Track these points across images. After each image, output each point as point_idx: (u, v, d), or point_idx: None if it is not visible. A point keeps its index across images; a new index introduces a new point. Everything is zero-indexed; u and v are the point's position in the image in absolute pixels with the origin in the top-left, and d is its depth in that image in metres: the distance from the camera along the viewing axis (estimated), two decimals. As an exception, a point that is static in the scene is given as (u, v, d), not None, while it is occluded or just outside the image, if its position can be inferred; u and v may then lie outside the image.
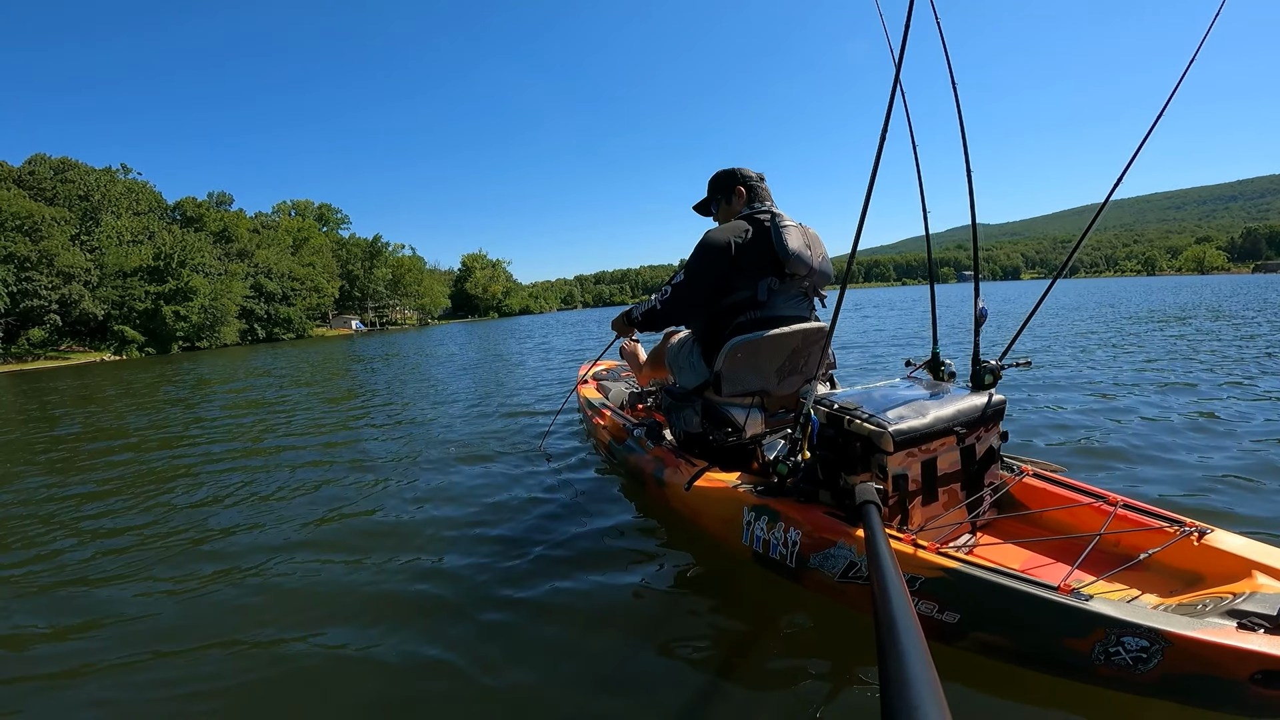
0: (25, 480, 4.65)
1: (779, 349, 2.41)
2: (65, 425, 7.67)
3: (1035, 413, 4.45)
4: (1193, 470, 3.05)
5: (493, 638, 1.98)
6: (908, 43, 1.68)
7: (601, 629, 2.00)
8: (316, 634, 2.06)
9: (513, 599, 2.21)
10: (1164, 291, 28.52)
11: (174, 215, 56.05)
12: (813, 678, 1.70)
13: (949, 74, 1.98)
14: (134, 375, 18.05)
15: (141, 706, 1.77)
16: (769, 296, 2.36)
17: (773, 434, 2.47)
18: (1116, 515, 1.80)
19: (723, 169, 2.61)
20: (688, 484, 2.34)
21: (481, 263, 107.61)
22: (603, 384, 4.54)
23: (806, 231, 2.42)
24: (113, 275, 41.77)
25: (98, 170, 47.71)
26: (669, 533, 2.64)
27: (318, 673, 1.86)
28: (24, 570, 2.80)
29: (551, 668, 1.81)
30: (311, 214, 76.52)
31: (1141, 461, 3.24)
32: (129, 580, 2.60)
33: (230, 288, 48.92)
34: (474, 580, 2.38)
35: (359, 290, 73.27)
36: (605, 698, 1.68)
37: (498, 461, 4.08)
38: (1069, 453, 3.44)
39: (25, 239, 36.06)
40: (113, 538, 3.14)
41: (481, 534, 2.84)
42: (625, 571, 2.37)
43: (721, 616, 2.04)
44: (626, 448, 3.08)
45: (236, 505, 3.57)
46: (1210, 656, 1.20)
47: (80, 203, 43.48)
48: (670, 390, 2.71)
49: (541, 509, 3.09)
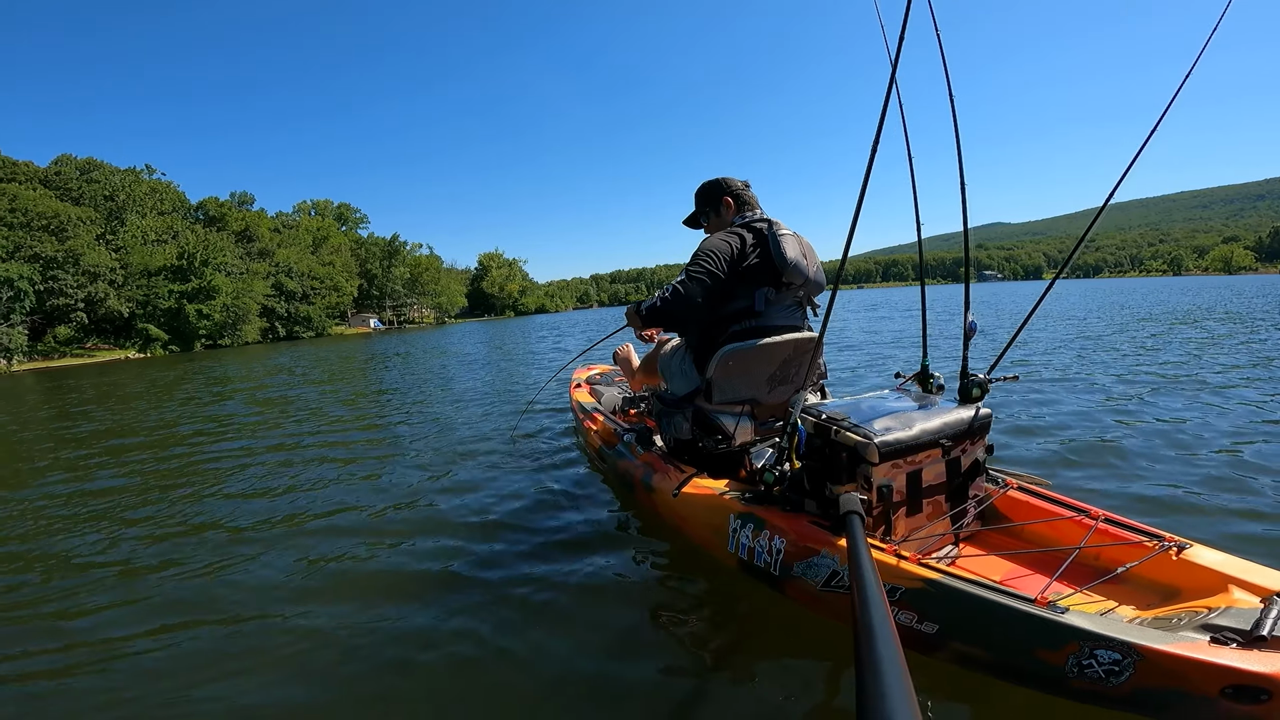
0: (96, 471, 4.79)
1: (770, 358, 2.42)
2: (140, 417, 7.88)
3: (1029, 416, 4.42)
4: (1178, 482, 3.03)
5: (472, 641, 2.00)
6: (905, 39, 1.66)
7: (583, 634, 2.02)
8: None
9: (494, 602, 2.23)
10: (1189, 292, 27.98)
11: (197, 215, 57.01)
12: (792, 687, 1.72)
13: (944, 73, 1.99)
14: (159, 372, 18.44)
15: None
16: (765, 306, 2.36)
17: (762, 442, 2.48)
18: (1097, 529, 1.81)
19: (707, 180, 2.59)
20: (675, 490, 2.36)
21: (498, 262, 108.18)
22: (595, 388, 4.56)
23: (801, 240, 2.42)
24: (138, 274, 42.54)
25: (122, 170, 48.56)
26: (656, 538, 2.65)
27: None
28: (89, 554, 2.94)
29: (532, 673, 1.83)
30: (331, 213, 77.45)
31: (1131, 473, 3.19)
32: (172, 564, 2.80)
33: (252, 286, 49.64)
34: (456, 582, 2.41)
35: (377, 289, 73.97)
36: (586, 703, 1.70)
37: (487, 463, 4.13)
38: (1058, 462, 3.42)
39: (52, 238, 36.85)
40: (156, 525, 3.35)
41: (468, 536, 2.86)
42: (610, 576, 2.38)
43: (704, 624, 2.06)
44: (616, 453, 3.10)
45: (264, 497, 3.74)
46: (1182, 670, 1.21)
47: (106, 203, 44.29)
48: (661, 396, 2.73)
49: (528, 512, 3.11)
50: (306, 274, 58.47)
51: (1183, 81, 1.71)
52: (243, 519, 3.37)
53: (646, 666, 1.84)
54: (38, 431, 7.57)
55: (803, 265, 2.34)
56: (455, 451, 4.56)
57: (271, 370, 15.60)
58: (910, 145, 2.27)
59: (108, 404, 10.20)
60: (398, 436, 5.39)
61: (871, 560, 1.17)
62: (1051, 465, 3.36)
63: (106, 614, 2.36)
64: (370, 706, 1.74)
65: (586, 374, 5.16)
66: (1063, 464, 3.38)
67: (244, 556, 2.83)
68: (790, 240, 2.33)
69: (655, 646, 1.95)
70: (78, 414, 9.05)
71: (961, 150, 2.03)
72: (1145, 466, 3.26)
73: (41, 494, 4.26)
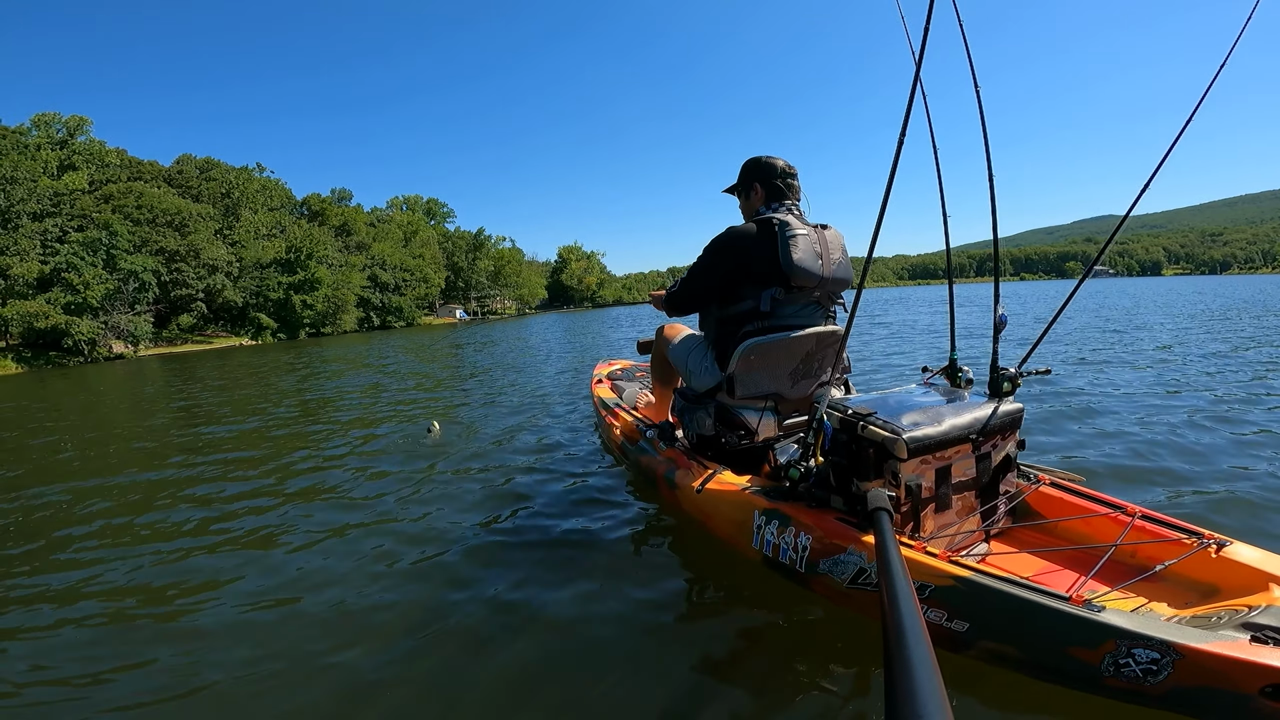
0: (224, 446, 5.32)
1: (793, 352, 2.39)
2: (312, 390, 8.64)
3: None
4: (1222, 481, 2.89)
5: (494, 634, 2.04)
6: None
7: (608, 629, 2.04)
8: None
9: (516, 598, 2.25)
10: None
11: (301, 210, 60.84)
12: (819, 683, 1.72)
13: (970, 68, 1.97)
14: (274, 358, 19.89)
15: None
16: (772, 307, 2.31)
17: (786, 438, 2.46)
18: (1134, 526, 1.77)
19: (752, 157, 2.46)
20: (699, 486, 2.34)
21: (577, 254, 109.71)
22: (617, 384, 4.54)
23: (823, 236, 2.34)
24: (251, 267, 45.90)
25: (236, 169, 52.34)
26: (679, 535, 2.66)
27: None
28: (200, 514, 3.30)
29: (556, 664, 1.87)
30: (420, 208, 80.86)
31: (1167, 475, 3.06)
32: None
33: (350, 279, 52.57)
34: (478, 575, 2.45)
35: (463, 281, 76.76)
36: (610, 696, 1.71)
37: (514, 458, 4.19)
38: (1100, 454, 3.29)
39: (175, 233, 40.30)
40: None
41: (491, 529, 2.92)
42: (635, 572, 2.40)
43: (729, 619, 2.07)
44: (639, 448, 3.08)
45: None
46: (1221, 669, 1.20)
47: (222, 199, 47.97)
48: (683, 392, 2.72)
49: (551, 508, 3.14)
50: (398, 266, 61.39)
51: (1210, 83, 1.63)
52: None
53: (670, 662, 1.86)
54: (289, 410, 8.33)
55: (813, 268, 2.26)
56: (490, 446, 4.59)
57: (384, 355, 16.55)
58: (935, 139, 2.23)
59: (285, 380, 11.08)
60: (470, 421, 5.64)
61: (901, 558, 1.17)
62: (1089, 462, 3.25)
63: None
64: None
65: (608, 369, 5.12)
66: (1101, 460, 3.26)
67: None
68: (803, 240, 2.25)
69: (679, 642, 1.96)
70: (294, 388, 9.92)
71: (989, 146, 2.00)
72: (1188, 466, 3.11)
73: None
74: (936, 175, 2.21)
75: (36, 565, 2.88)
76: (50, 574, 2.75)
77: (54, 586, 2.60)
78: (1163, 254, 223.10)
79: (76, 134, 41.47)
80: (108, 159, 42.95)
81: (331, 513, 3.32)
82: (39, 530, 3.37)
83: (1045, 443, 3.69)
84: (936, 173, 2.21)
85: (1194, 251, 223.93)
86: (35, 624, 2.31)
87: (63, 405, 10.25)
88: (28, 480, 4.61)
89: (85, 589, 2.57)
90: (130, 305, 34.39)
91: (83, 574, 2.72)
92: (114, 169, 42.84)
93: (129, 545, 3.05)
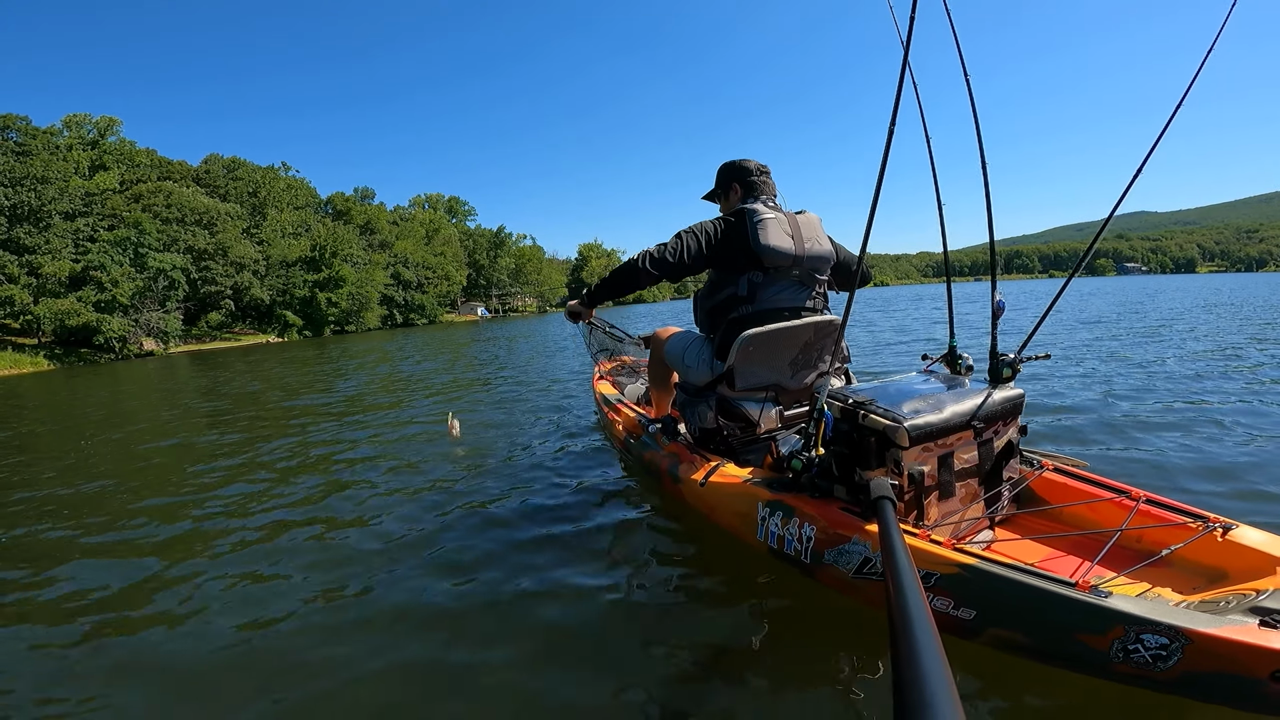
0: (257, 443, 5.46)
1: (791, 342, 2.40)
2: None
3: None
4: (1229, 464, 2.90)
5: (498, 628, 2.04)
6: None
7: (615, 622, 2.05)
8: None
9: (521, 593, 2.25)
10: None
11: (325, 209, 61.77)
12: (826, 673, 1.72)
13: (960, 60, 1.97)
14: (299, 353, 20.23)
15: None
16: (751, 290, 2.38)
17: (787, 429, 2.46)
18: (1139, 511, 1.75)
19: (727, 161, 2.60)
20: (703, 480, 2.34)
21: (597, 252, 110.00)
22: (618, 379, 4.53)
23: (794, 220, 2.41)
24: (277, 265, 46.75)
25: (262, 168, 53.24)
26: (684, 528, 2.67)
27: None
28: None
29: (563, 658, 1.87)
30: (442, 206, 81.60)
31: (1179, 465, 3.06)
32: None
33: (373, 276, 53.36)
34: (483, 569, 2.46)
35: (484, 278, 77.44)
36: (618, 690, 1.71)
37: (525, 454, 4.18)
38: (1102, 439, 3.30)
39: (204, 232, 41.20)
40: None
41: (495, 524, 2.92)
42: (641, 566, 2.41)
43: (735, 611, 2.06)
44: (642, 443, 3.06)
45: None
46: (1231, 654, 1.19)
47: (249, 199, 48.88)
48: (684, 386, 2.72)
49: (557, 503, 3.14)
50: (420, 264, 62.17)
51: (1191, 81, 1.62)
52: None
53: (679, 653, 1.86)
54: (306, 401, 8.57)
55: (784, 247, 2.33)
56: (485, 442, 4.66)
57: (410, 352, 16.75)
58: (929, 131, 2.24)
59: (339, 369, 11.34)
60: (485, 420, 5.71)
61: (905, 546, 1.17)
62: (1093, 444, 3.27)
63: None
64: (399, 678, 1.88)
65: (609, 365, 5.09)
66: (1109, 440, 3.27)
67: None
68: (772, 223, 2.33)
69: (687, 634, 1.96)
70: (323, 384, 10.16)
71: (981, 140, 1.99)
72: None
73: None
74: (931, 172, 2.21)
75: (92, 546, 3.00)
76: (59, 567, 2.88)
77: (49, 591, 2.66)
78: (1197, 251, 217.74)
79: (107, 134, 42.54)
80: (138, 159, 44.05)
81: (344, 505, 3.40)
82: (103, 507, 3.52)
83: (1048, 431, 3.69)
84: (931, 170, 2.21)
85: (1229, 248, 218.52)
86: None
87: (121, 402, 10.51)
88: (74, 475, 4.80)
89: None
90: (160, 303, 35.18)
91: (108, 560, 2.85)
92: (144, 169, 43.94)
93: (148, 525, 3.18)
